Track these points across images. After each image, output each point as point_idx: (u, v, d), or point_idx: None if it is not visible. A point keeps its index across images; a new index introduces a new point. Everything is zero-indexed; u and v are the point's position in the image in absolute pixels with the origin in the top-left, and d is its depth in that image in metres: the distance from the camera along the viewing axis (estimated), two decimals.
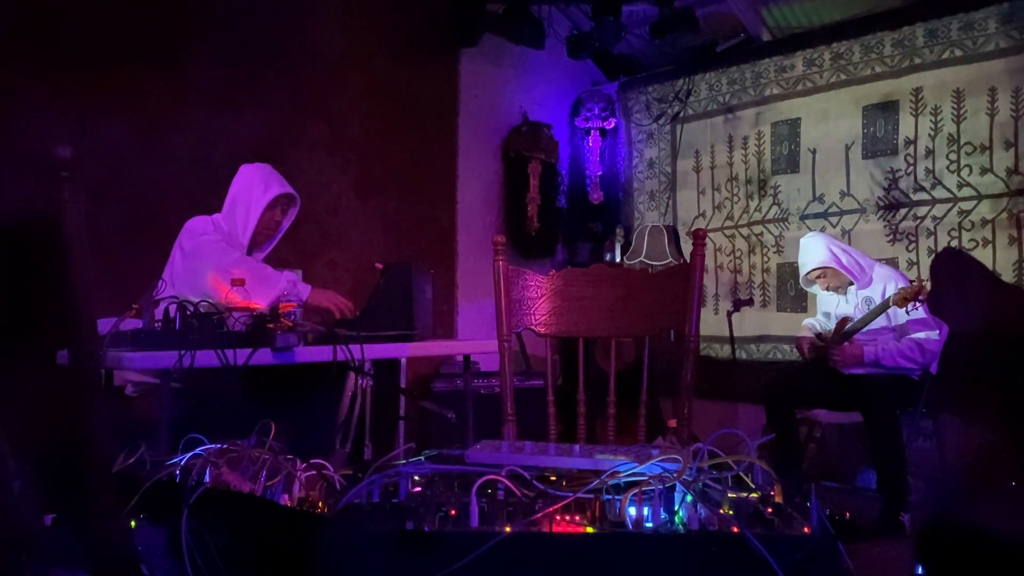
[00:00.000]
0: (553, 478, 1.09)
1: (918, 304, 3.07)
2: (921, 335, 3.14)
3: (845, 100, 4.32)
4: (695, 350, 1.75)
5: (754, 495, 1.05)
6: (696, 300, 1.75)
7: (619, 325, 1.81)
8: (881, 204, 4.17)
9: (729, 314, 4.28)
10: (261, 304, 2.28)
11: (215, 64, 3.57)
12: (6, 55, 2.88)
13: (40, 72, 2.95)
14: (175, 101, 3.39)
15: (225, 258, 2.53)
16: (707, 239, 3.32)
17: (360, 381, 2.95)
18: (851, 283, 3.39)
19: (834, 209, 4.38)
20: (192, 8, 3.50)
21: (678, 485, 1.00)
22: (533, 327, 1.85)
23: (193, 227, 2.65)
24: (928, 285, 3.21)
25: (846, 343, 3.26)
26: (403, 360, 3.41)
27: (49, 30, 3.04)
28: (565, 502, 0.99)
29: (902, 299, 3.07)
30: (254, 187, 2.72)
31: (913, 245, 4.06)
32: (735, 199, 4.83)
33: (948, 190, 3.94)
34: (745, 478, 1.11)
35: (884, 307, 3.16)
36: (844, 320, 3.35)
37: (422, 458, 1.26)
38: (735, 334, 4.30)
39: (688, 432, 1.71)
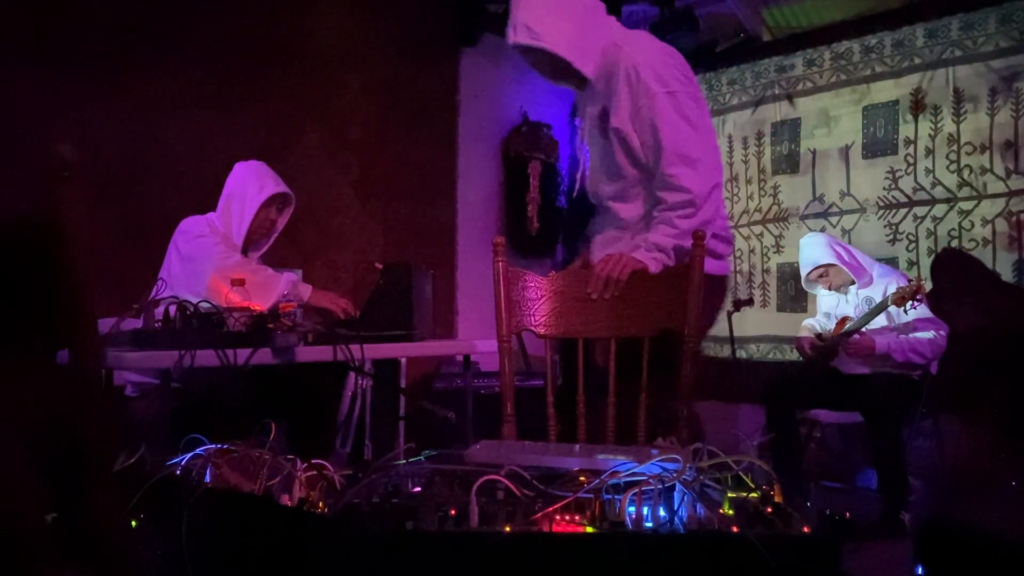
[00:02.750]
0: (553, 478, 1.09)
1: (916, 304, 3.07)
2: (931, 333, 3.14)
3: (845, 100, 4.32)
4: (695, 350, 1.75)
5: (754, 495, 1.05)
6: (696, 300, 1.75)
7: (619, 325, 1.81)
8: (881, 204, 4.17)
9: (729, 314, 4.27)
10: (261, 307, 2.28)
11: (214, 64, 3.57)
12: (5, 55, 2.88)
13: (40, 72, 2.95)
14: (174, 101, 3.39)
15: (225, 261, 2.51)
16: None
17: (360, 381, 2.95)
18: (852, 282, 3.39)
19: (834, 209, 4.37)
20: (192, 8, 3.50)
21: (678, 485, 1.00)
22: (533, 328, 1.84)
23: (189, 228, 2.61)
24: (926, 284, 3.20)
25: (856, 334, 3.23)
26: (403, 360, 3.41)
27: (48, 29, 3.04)
28: (565, 502, 0.99)
29: (900, 299, 3.07)
30: (249, 186, 2.67)
31: (913, 245, 4.06)
32: (735, 199, 4.83)
33: (948, 190, 3.94)
34: (745, 478, 1.11)
35: (883, 307, 3.15)
36: (844, 320, 3.35)
37: (422, 458, 1.26)
38: (735, 334, 4.30)
39: (688, 432, 1.71)
